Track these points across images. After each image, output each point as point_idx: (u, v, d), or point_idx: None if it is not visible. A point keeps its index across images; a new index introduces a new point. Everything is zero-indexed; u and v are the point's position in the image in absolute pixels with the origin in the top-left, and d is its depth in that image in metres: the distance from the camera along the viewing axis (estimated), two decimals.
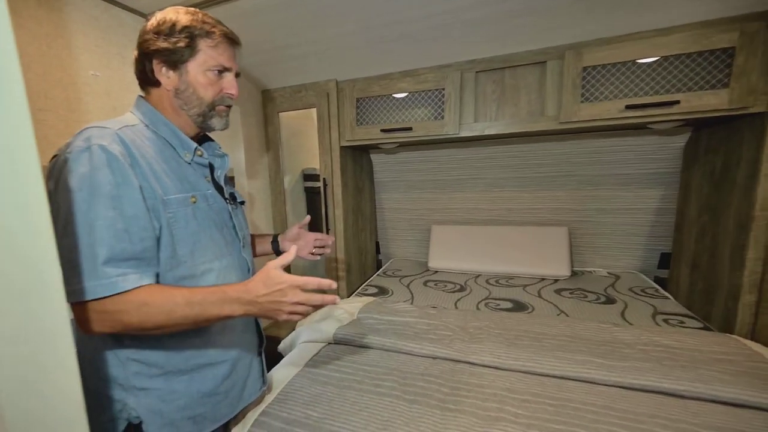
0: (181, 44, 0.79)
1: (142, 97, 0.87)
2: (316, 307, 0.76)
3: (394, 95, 1.90)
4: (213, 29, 0.81)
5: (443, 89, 1.80)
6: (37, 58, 1.16)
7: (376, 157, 2.46)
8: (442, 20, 1.52)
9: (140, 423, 0.78)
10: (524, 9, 1.43)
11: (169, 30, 0.79)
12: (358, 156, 2.32)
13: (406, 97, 1.89)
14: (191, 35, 0.80)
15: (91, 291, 0.65)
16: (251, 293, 0.72)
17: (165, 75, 0.82)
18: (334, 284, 0.76)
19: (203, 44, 0.81)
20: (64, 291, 0.62)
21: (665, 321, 1.50)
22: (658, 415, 0.94)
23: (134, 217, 0.71)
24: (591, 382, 1.10)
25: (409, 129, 1.86)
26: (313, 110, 2.10)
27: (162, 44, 0.79)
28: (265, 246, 1.24)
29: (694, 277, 1.72)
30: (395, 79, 1.88)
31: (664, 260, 2.04)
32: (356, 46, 1.73)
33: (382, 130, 1.92)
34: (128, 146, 0.74)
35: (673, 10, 1.38)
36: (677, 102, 1.42)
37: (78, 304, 0.66)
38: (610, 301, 1.73)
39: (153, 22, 0.81)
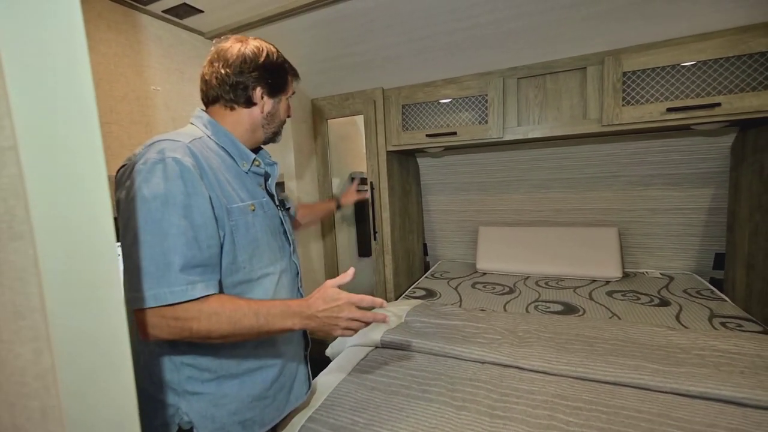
0: (282, 80, 0.95)
1: (203, 110, 0.92)
2: (368, 324, 0.82)
3: (438, 101, 1.94)
4: (295, 69, 1.00)
5: (486, 95, 1.82)
6: (106, 77, 1.25)
7: (422, 161, 2.50)
8: (485, 31, 1.56)
9: (191, 428, 0.80)
10: (564, 19, 1.46)
11: (273, 66, 0.92)
12: (404, 160, 2.35)
13: (450, 102, 1.92)
14: (288, 73, 0.97)
15: (162, 297, 0.68)
16: (312, 308, 0.78)
17: (262, 100, 0.93)
18: (385, 303, 0.83)
19: (291, 79, 0.99)
20: (137, 297, 0.68)
21: (722, 324, 1.44)
22: (718, 425, 0.91)
23: (203, 226, 0.74)
24: (645, 389, 1.08)
25: (454, 133, 1.90)
26: (359, 116, 2.16)
27: (269, 77, 0.92)
28: (329, 205, 1.60)
29: (751, 278, 1.63)
30: (439, 86, 1.92)
31: (719, 261, 1.95)
32: (401, 56, 1.79)
33: (428, 135, 1.96)
34: (198, 158, 0.78)
35: (710, 16, 1.40)
36: (718, 104, 1.43)
37: (145, 310, 0.68)
38: (664, 303, 1.68)
39: (259, 54, 0.89)
